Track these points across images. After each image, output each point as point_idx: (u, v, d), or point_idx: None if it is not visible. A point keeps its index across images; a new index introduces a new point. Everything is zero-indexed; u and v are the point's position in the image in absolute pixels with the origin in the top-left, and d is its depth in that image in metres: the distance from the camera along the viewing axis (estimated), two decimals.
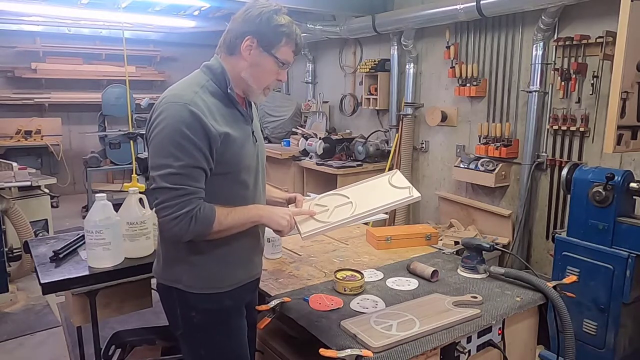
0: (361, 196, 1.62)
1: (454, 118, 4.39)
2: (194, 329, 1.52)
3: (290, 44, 1.47)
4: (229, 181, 1.46)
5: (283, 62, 1.48)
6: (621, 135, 2.30)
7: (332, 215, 1.56)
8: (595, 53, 3.23)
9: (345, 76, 5.80)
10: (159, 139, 1.36)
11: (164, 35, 7.24)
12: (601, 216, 2.49)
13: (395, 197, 1.58)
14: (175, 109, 1.35)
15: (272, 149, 5.45)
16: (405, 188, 1.60)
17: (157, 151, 1.37)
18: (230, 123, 1.44)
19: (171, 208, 1.34)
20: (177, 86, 1.45)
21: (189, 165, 1.34)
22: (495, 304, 1.64)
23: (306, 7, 4.68)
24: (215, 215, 1.38)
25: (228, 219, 1.41)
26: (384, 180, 1.68)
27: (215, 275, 1.50)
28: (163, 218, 1.36)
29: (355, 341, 1.40)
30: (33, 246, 2.15)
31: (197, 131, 1.34)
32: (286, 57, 1.48)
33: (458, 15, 3.89)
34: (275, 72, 1.49)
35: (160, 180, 1.35)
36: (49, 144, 6.40)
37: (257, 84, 1.48)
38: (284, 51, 1.46)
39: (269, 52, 1.45)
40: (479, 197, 4.22)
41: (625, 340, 2.54)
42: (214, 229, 1.39)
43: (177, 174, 1.33)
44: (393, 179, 1.66)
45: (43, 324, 3.33)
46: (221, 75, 1.46)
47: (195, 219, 1.35)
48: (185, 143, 1.33)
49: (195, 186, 1.36)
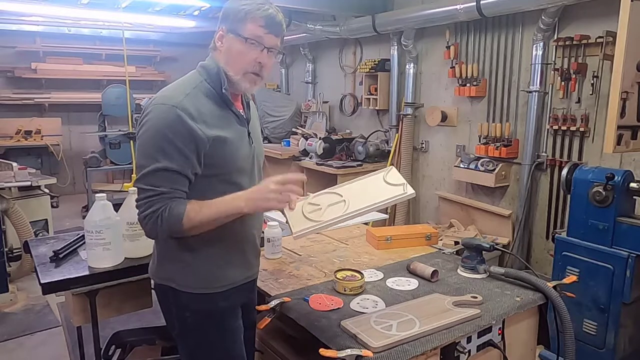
0: (355, 194, 1.61)
1: (454, 118, 4.39)
2: (188, 329, 1.52)
3: (256, 19, 1.40)
4: (222, 183, 1.44)
5: (252, 39, 1.41)
6: (621, 135, 2.30)
7: (325, 214, 1.54)
8: (595, 53, 3.23)
9: (345, 76, 5.80)
10: (142, 140, 1.37)
11: (164, 35, 7.24)
12: (601, 216, 2.49)
13: (388, 194, 1.57)
14: (161, 111, 1.35)
15: (272, 149, 5.45)
16: (400, 185, 1.59)
17: (139, 152, 1.38)
18: (223, 125, 1.43)
19: (141, 207, 1.36)
20: (169, 87, 1.45)
21: (165, 168, 1.34)
22: (495, 304, 1.64)
23: (306, 7, 4.68)
24: (184, 212, 1.34)
25: (199, 215, 1.36)
26: (378, 177, 1.67)
27: (208, 275, 1.49)
28: (138, 216, 1.38)
29: (355, 341, 1.39)
30: (33, 246, 2.15)
31: (181, 134, 1.33)
32: (254, 33, 1.40)
33: (458, 15, 3.89)
34: (251, 53, 1.42)
35: (137, 180, 1.37)
36: (49, 144, 6.40)
37: (234, 69, 1.43)
38: (250, 28, 1.40)
39: (236, 34, 1.42)
40: (479, 197, 4.22)
41: (625, 340, 2.54)
42: (184, 226, 1.36)
43: (151, 175, 1.34)
44: (388, 176, 1.65)
45: (43, 324, 3.33)
46: (216, 76, 1.45)
47: (161, 218, 1.34)
48: (165, 146, 1.33)
49: (170, 187, 1.35)
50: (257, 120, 1.69)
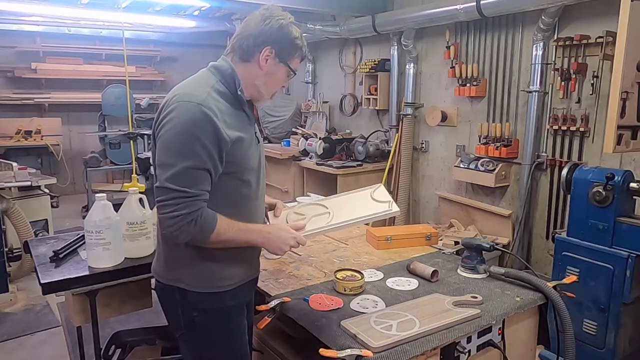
0: (340, 207, 1.66)
1: (454, 118, 4.39)
2: (195, 329, 1.52)
3: (302, 55, 1.55)
4: (234, 180, 1.46)
5: (294, 72, 1.55)
6: (621, 135, 2.30)
7: (309, 224, 1.60)
8: (595, 53, 3.23)
9: (345, 76, 5.80)
10: (167, 137, 1.35)
11: (164, 35, 7.24)
12: (601, 216, 2.49)
13: (373, 210, 1.63)
14: (187, 108, 1.34)
15: (272, 149, 5.45)
16: (386, 202, 1.64)
17: (164, 149, 1.36)
18: (238, 125, 1.44)
19: (172, 207, 1.33)
20: (188, 85, 1.44)
21: (194, 167, 1.33)
22: (495, 304, 1.64)
23: (306, 7, 4.68)
24: (216, 225, 1.38)
25: (228, 234, 1.41)
26: (366, 193, 1.71)
27: (217, 274, 1.50)
28: (163, 215, 1.36)
29: (355, 341, 1.40)
30: (33, 246, 2.15)
31: (207, 133, 1.34)
32: (296, 67, 1.55)
33: (458, 15, 3.89)
34: (285, 80, 1.56)
35: (163, 179, 1.34)
36: (49, 144, 6.40)
37: (268, 91, 1.54)
38: (296, 62, 1.54)
39: (285, 63, 1.50)
40: (479, 197, 4.22)
41: (625, 340, 2.54)
42: (211, 239, 1.39)
43: (181, 175, 1.33)
44: (375, 193, 1.69)
45: (43, 324, 3.33)
46: (230, 77, 1.46)
47: (195, 222, 1.34)
48: (194, 144, 1.33)
49: (199, 188, 1.35)
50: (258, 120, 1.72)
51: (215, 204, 1.42)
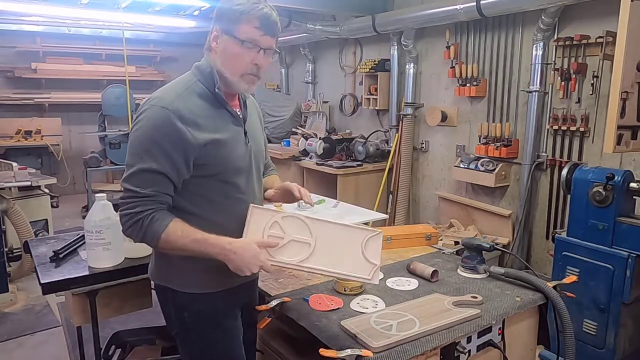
0: (325, 241, 1.46)
1: (454, 118, 4.39)
2: (187, 329, 1.52)
3: (251, 20, 1.37)
4: (216, 182, 1.44)
5: (248, 42, 1.39)
6: (621, 135, 2.30)
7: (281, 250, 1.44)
8: (595, 53, 3.23)
9: (345, 76, 5.80)
10: (132, 138, 1.38)
11: (163, 35, 7.24)
12: (601, 216, 2.49)
13: (353, 270, 1.45)
14: (152, 112, 1.35)
15: (272, 149, 5.43)
16: (371, 264, 1.46)
17: (128, 150, 1.39)
18: (217, 125, 1.42)
19: (124, 205, 1.36)
20: (163, 88, 1.44)
21: (150, 170, 1.33)
22: (495, 304, 1.64)
23: (306, 7, 4.68)
24: (164, 229, 1.34)
25: (179, 241, 1.35)
26: (361, 234, 1.48)
27: (206, 276, 1.48)
28: (119, 213, 1.39)
29: (355, 341, 1.40)
30: (33, 246, 2.15)
31: (169, 137, 1.33)
32: (249, 36, 1.38)
33: (458, 15, 3.89)
34: (247, 55, 1.40)
35: (123, 179, 1.37)
36: (49, 144, 6.40)
37: (231, 71, 1.42)
38: (245, 30, 1.38)
39: (231, 35, 1.39)
40: (479, 197, 4.22)
41: (625, 340, 2.54)
42: (160, 244, 1.36)
43: (135, 176, 1.34)
44: (368, 242, 1.48)
45: (43, 324, 3.33)
46: (209, 76, 1.44)
47: (142, 222, 1.34)
48: (152, 147, 1.33)
49: (154, 190, 1.35)
50: (257, 118, 1.67)
51: (197, 206, 1.43)
